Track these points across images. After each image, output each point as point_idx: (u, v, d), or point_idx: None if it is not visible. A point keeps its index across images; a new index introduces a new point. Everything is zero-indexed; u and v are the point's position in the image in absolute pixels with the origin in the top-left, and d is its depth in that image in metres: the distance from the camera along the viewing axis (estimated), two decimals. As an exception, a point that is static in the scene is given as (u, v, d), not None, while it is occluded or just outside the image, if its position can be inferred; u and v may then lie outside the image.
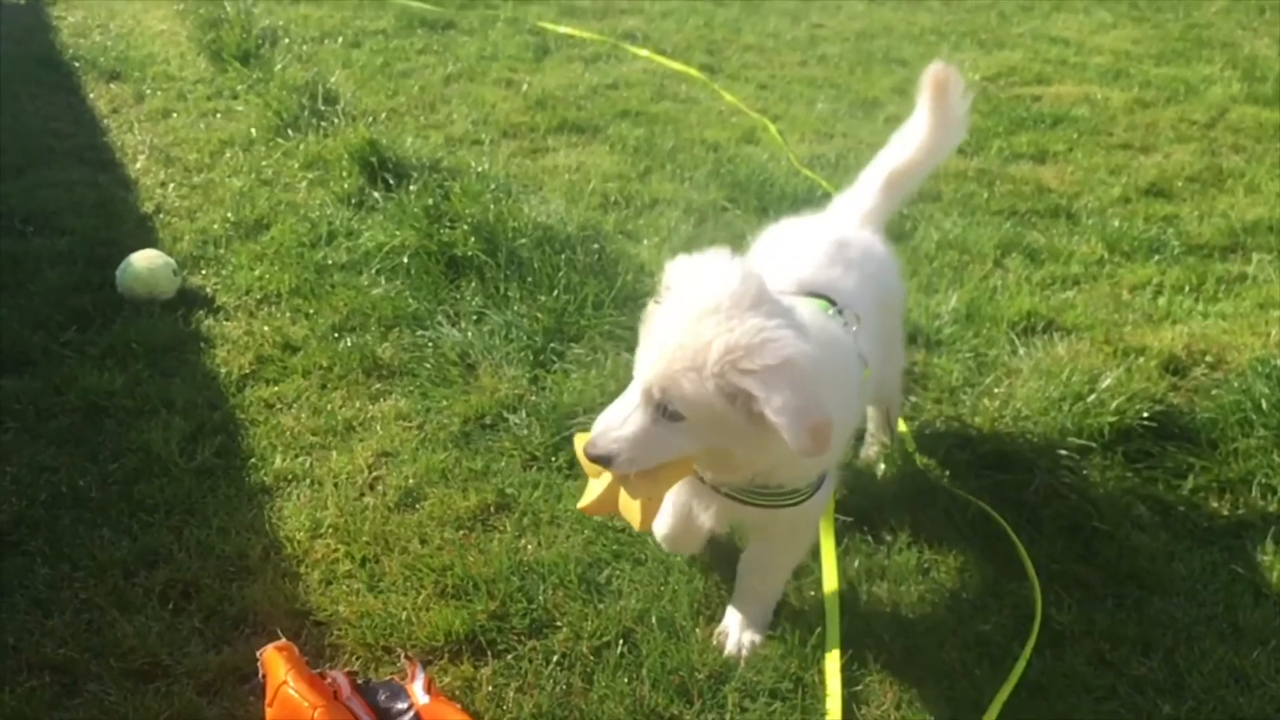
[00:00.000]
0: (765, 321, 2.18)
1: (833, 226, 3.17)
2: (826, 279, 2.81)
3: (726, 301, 2.18)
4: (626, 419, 2.27)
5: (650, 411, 2.25)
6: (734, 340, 2.14)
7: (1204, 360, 4.18)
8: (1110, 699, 2.77)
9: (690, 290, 2.24)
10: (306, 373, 4.15)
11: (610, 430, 2.28)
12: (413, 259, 4.79)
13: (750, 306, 2.19)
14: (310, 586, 3.11)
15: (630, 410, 2.28)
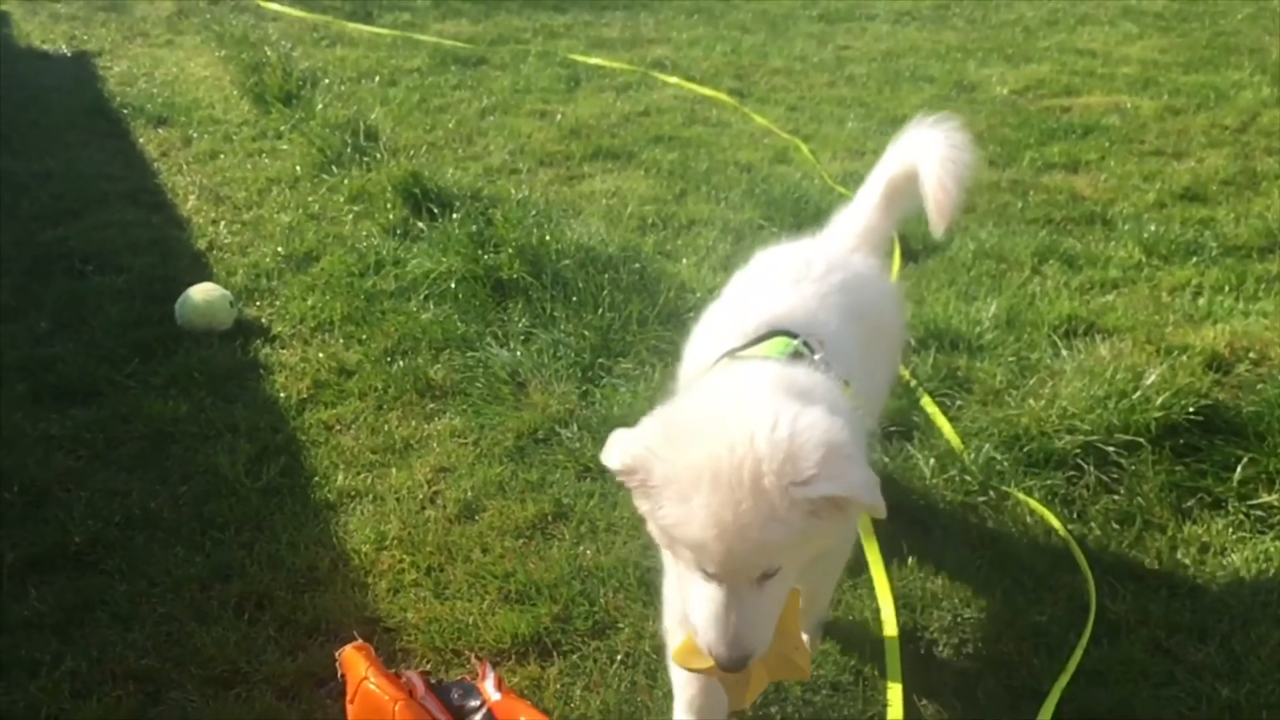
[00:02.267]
0: (770, 428, 1.98)
1: (805, 248, 3.00)
2: (787, 309, 2.61)
3: (726, 457, 1.95)
4: (733, 613, 2.00)
5: (748, 587, 2.00)
6: (776, 468, 1.93)
7: (1247, 357, 4.21)
8: (1169, 685, 2.80)
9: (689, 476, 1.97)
10: (362, 395, 4.27)
11: (728, 633, 2.00)
12: (460, 284, 4.91)
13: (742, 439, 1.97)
14: (378, 595, 3.21)
15: (723, 602, 2.00)
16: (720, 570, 1.98)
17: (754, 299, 2.72)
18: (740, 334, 2.51)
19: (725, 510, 1.92)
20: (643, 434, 2.08)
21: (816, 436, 1.97)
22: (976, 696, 2.78)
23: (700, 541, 1.96)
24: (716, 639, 2.01)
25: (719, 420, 2.01)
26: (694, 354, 2.73)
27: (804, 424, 1.99)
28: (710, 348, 2.56)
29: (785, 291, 2.71)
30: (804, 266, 2.81)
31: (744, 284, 2.95)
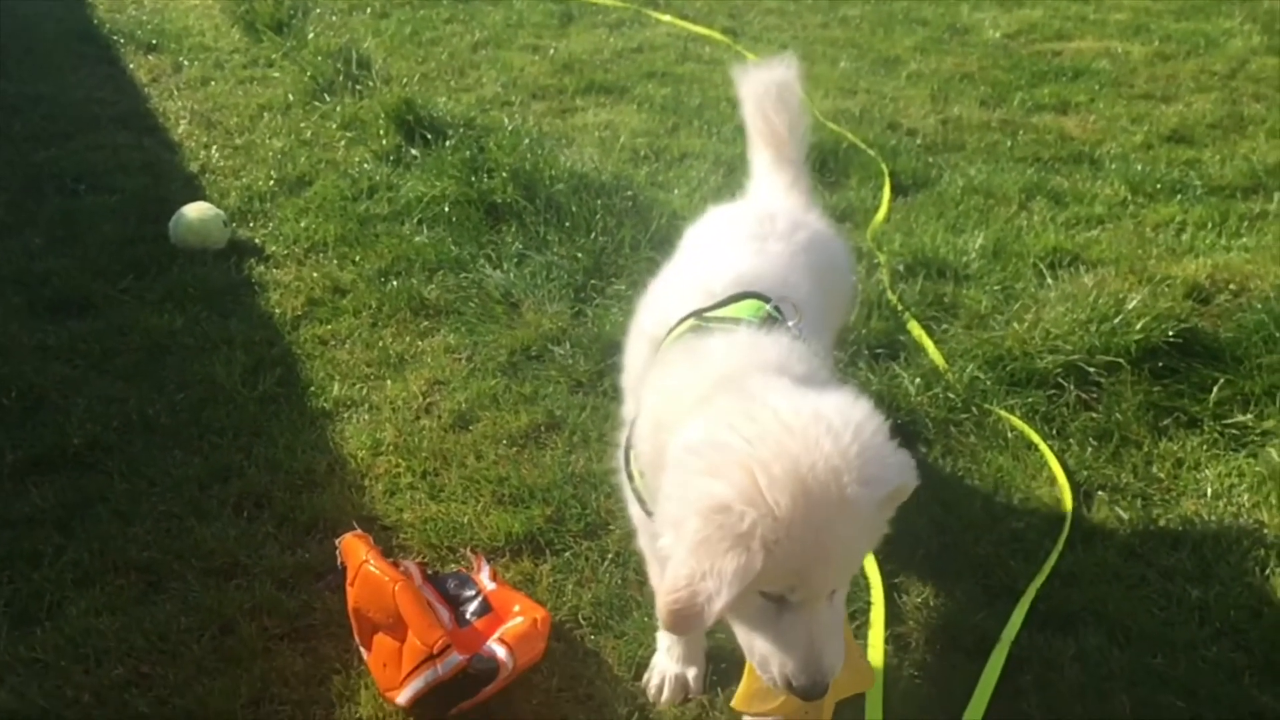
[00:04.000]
0: (835, 435, 1.82)
1: (758, 206, 2.90)
2: (757, 269, 2.49)
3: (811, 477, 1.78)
4: (817, 636, 1.88)
5: (824, 604, 1.89)
6: (856, 476, 1.79)
7: (1227, 288, 4.29)
8: (1140, 586, 2.91)
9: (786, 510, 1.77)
10: (357, 312, 4.32)
11: (816, 658, 1.87)
12: (453, 207, 4.94)
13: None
14: (375, 497, 3.28)
15: (807, 628, 1.87)
16: (811, 594, 1.85)
17: (720, 257, 2.56)
18: (707, 293, 2.34)
19: (825, 532, 1.78)
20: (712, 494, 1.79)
21: (875, 430, 1.86)
22: (955, 594, 2.88)
23: (802, 570, 1.80)
24: (804, 668, 1.86)
25: (776, 440, 1.80)
26: (656, 312, 2.47)
27: (858, 419, 1.85)
28: (674, 306, 2.36)
29: (753, 250, 2.58)
30: (768, 223, 2.68)
31: (705, 241, 2.79)
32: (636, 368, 2.50)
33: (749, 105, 3.16)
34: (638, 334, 2.55)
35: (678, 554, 1.80)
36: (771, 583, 1.82)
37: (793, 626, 1.87)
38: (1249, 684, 2.61)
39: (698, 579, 1.75)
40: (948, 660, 2.68)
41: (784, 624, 1.87)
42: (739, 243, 2.62)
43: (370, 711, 2.55)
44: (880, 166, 5.49)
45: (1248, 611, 2.80)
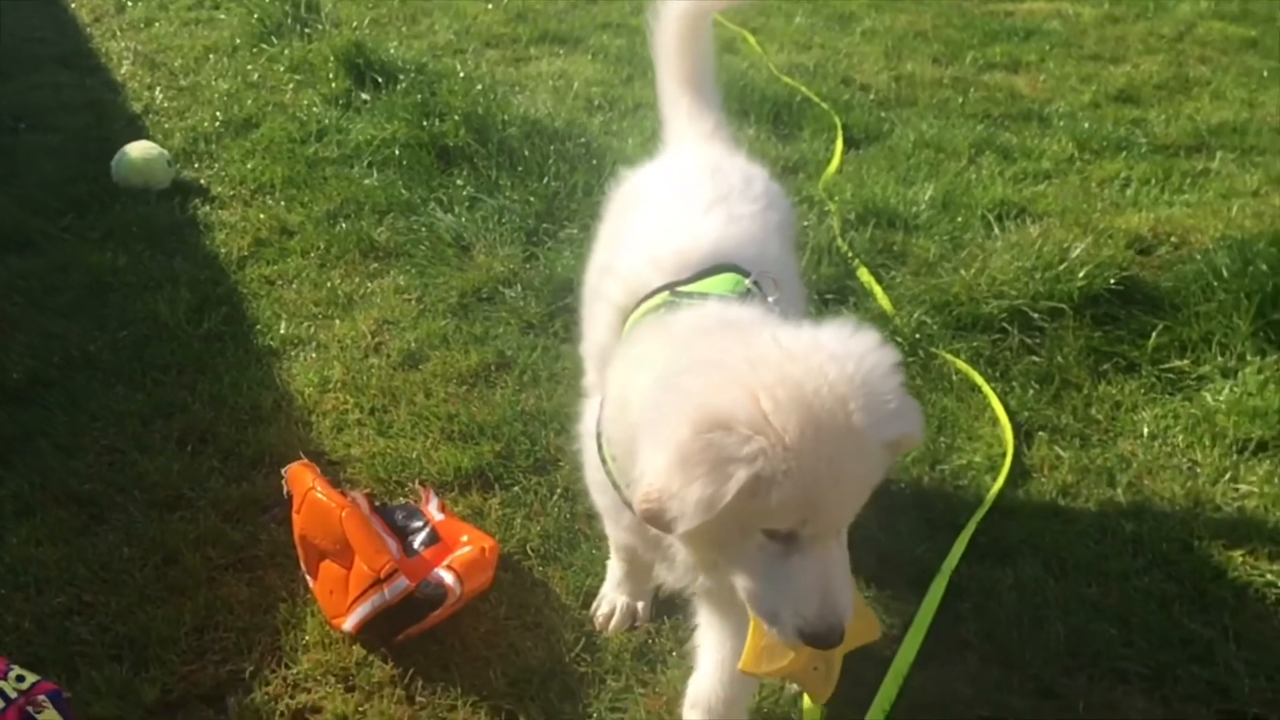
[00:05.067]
0: (841, 363, 1.70)
1: (700, 164, 2.57)
2: (731, 237, 2.28)
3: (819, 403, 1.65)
4: (830, 575, 1.73)
5: (835, 543, 1.75)
6: (863, 404, 1.67)
7: (1168, 240, 4.37)
8: (1077, 521, 2.98)
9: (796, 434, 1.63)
10: (305, 253, 4.27)
11: (831, 598, 1.72)
12: (404, 150, 4.89)
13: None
14: (323, 432, 3.26)
15: (820, 567, 1.72)
16: (823, 528, 1.70)
17: (692, 224, 2.31)
18: (679, 265, 2.17)
19: (835, 460, 1.64)
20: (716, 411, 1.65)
21: (880, 361, 1.73)
22: (898, 528, 2.93)
23: (816, 501, 1.65)
24: (820, 613, 1.70)
25: (778, 364, 1.69)
26: (626, 281, 2.25)
27: (863, 349, 1.74)
28: (646, 276, 2.19)
29: (724, 218, 2.34)
30: (726, 183, 2.44)
31: (665, 202, 2.48)
32: (601, 340, 2.32)
33: (664, 43, 2.93)
34: (604, 304, 2.33)
35: (657, 460, 1.66)
36: (781, 518, 1.67)
37: (804, 569, 1.70)
38: (1179, 612, 2.68)
39: (666, 497, 1.64)
40: (890, 589, 2.73)
41: (794, 567, 1.70)
42: (708, 207, 2.35)
43: (316, 638, 2.55)
44: (833, 120, 5.51)
45: (1179, 544, 2.88)
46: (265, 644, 2.55)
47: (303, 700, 2.43)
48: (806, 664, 1.83)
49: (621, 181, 2.77)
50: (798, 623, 1.71)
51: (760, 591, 1.75)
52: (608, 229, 2.69)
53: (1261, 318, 3.69)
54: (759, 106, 5.68)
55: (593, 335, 2.45)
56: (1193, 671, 2.53)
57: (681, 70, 2.92)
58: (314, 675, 2.48)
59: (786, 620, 1.72)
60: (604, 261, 2.55)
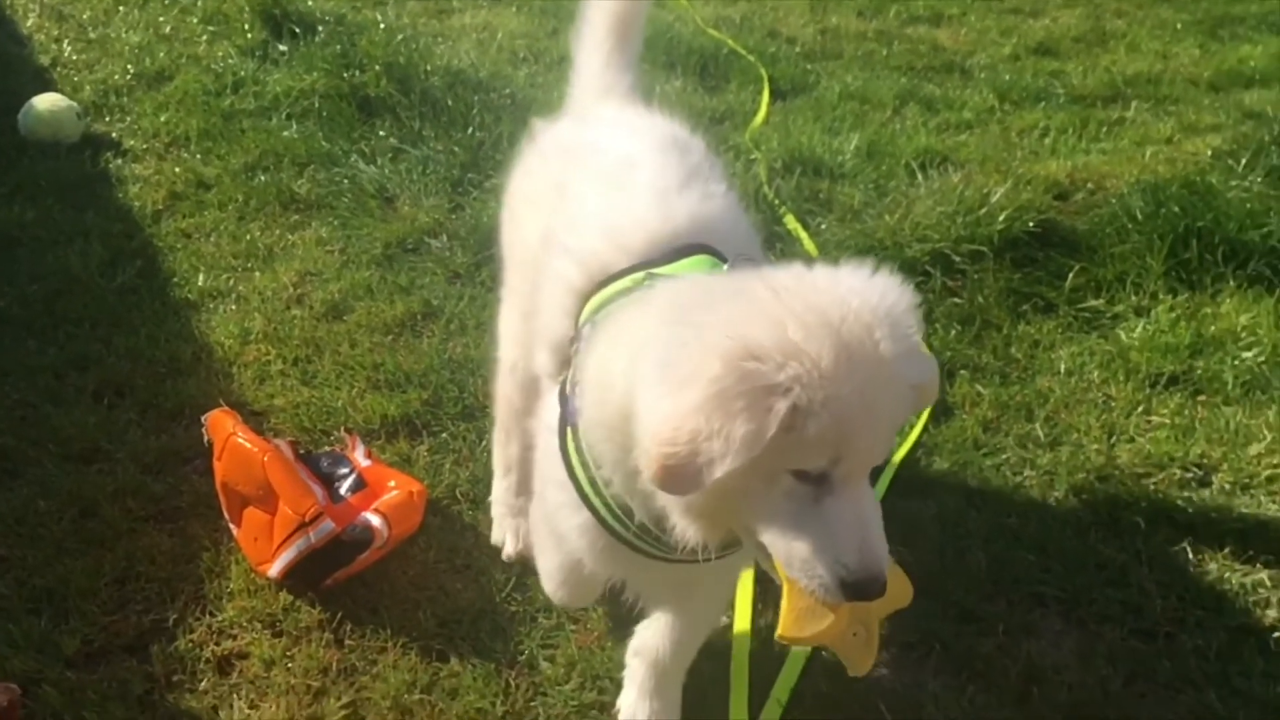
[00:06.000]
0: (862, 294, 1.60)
1: (655, 132, 2.27)
2: (703, 216, 2.04)
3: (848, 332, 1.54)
4: (869, 517, 1.60)
5: (865, 484, 1.63)
6: (888, 331, 1.57)
7: (1085, 186, 4.46)
8: (996, 454, 3.04)
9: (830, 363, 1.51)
10: (222, 206, 4.17)
11: (872, 541, 1.59)
12: (324, 102, 4.79)
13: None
14: (244, 384, 3.19)
15: (857, 508, 1.59)
16: (857, 466, 1.59)
17: (659, 202, 2.06)
18: (649, 247, 1.98)
19: (867, 390, 1.53)
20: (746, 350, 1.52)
21: (901, 295, 1.65)
22: (824, 465, 2.96)
23: (849, 435, 1.53)
24: (861, 557, 1.56)
25: (803, 294, 1.58)
26: (586, 263, 2.02)
27: (884, 283, 1.66)
28: (610, 257, 1.99)
29: (696, 194, 2.08)
30: (693, 157, 2.20)
31: (619, 177, 2.15)
32: (559, 326, 2.06)
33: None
34: (559, 286, 2.07)
35: (682, 402, 1.50)
36: (813, 455, 1.54)
37: (839, 512, 1.57)
38: (1094, 538, 2.77)
39: (701, 438, 1.48)
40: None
41: (828, 511, 1.56)
42: (680, 185, 2.08)
43: (241, 585, 2.52)
44: (760, 72, 5.51)
45: (1094, 474, 2.96)
46: (188, 593, 2.51)
47: (228, 646, 2.40)
48: (846, 629, 1.64)
49: (539, 136, 2.49)
50: (839, 572, 1.55)
51: (795, 542, 1.58)
52: (537, 190, 2.38)
53: (1173, 258, 3.80)
54: (685, 59, 5.66)
55: (547, 320, 2.13)
56: (1107, 594, 2.61)
57: (611, 17, 2.59)
58: (239, 622, 2.45)
59: (824, 570, 1.56)
60: (542, 231, 2.25)
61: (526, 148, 2.52)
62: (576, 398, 1.85)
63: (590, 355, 1.82)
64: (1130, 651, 2.47)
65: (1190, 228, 3.86)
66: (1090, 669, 2.43)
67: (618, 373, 1.70)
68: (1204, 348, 3.46)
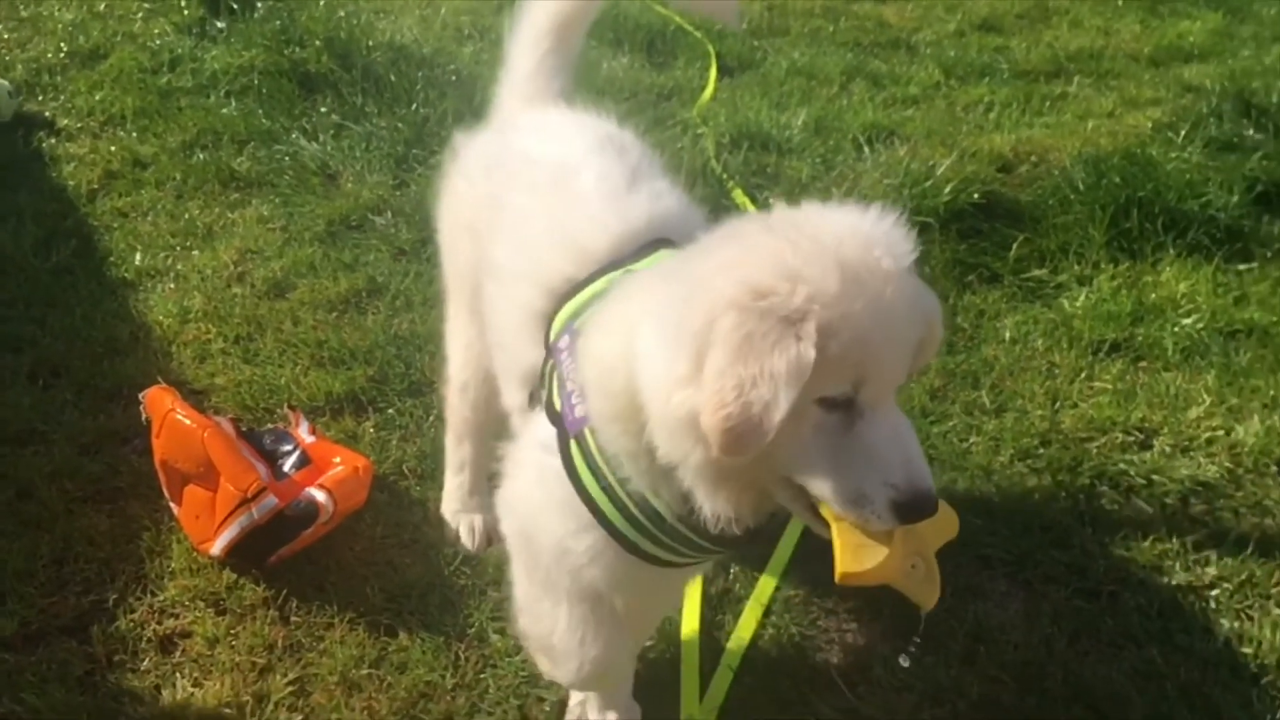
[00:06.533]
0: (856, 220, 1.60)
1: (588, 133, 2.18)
2: (654, 216, 1.98)
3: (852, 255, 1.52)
4: (910, 433, 1.56)
5: (894, 404, 1.58)
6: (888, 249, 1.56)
7: (1029, 159, 4.51)
8: (943, 420, 3.07)
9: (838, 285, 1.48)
10: (160, 185, 4.09)
11: (918, 457, 1.54)
12: (263, 78, 4.70)
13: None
14: (184, 363, 3.13)
15: (896, 424, 1.55)
16: (883, 386, 1.53)
17: (613, 205, 1.98)
18: (614, 251, 1.91)
19: (879, 304, 1.51)
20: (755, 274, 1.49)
21: (895, 221, 1.63)
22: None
23: (871, 353, 1.50)
24: (908, 472, 1.51)
25: (790, 224, 1.58)
26: (540, 280, 1.95)
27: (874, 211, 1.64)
28: (566, 274, 1.91)
29: (645, 192, 2.02)
30: (633, 155, 2.12)
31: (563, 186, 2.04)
32: (528, 356, 1.96)
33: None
34: (522, 315, 1.97)
35: (712, 365, 1.46)
36: (836, 378, 1.49)
37: (874, 432, 1.51)
38: (1039, 502, 2.80)
39: (748, 387, 1.44)
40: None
41: (863, 433, 1.51)
42: (629, 184, 2.02)
43: (183, 564, 2.47)
44: (707, 49, 5.49)
45: (1038, 439, 3.00)
46: (129, 573, 2.45)
47: (170, 626, 2.35)
48: (903, 563, 1.57)
49: (462, 152, 2.38)
50: (889, 494, 1.50)
51: (836, 474, 1.52)
52: (469, 214, 2.26)
53: (1114, 227, 3.85)
54: (632, 36, 5.63)
55: (513, 354, 2.03)
56: (1052, 555, 2.65)
57: (552, 20, 2.39)
58: (182, 601, 2.40)
59: (876, 494, 1.50)
60: (482, 258, 2.14)
61: (450, 167, 2.40)
62: (574, 407, 1.76)
63: (585, 356, 1.74)
64: (1075, 611, 2.51)
65: (1131, 198, 3.92)
66: (1036, 628, 2.46)
67: (616, 357, 1.65)
68: (1145, 315, 3.52)
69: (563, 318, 1.88)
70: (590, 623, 1.92)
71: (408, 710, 2.19)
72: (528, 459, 1.91)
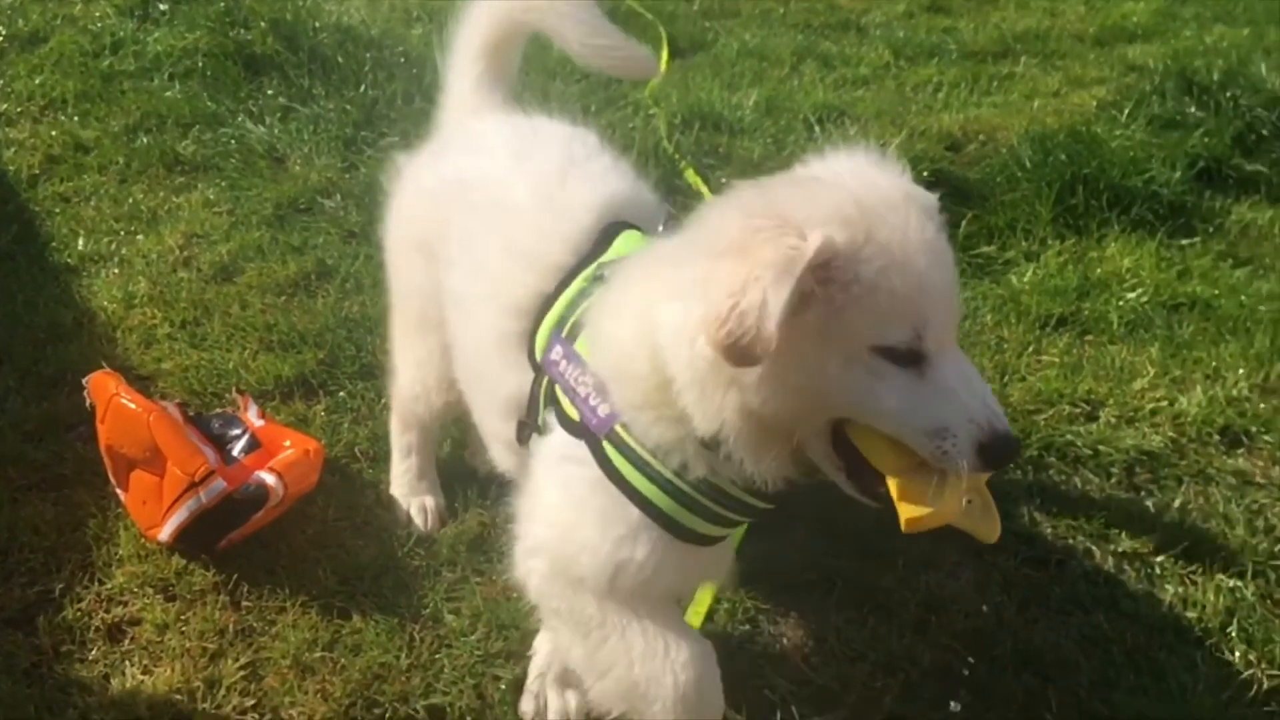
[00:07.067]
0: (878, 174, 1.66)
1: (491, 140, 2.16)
2: (617, 194, 1.98)
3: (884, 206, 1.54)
4: (973, 377, 1.56)
5: (958, 350, 1.61)
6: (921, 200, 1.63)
7: (977, 138, 4.56)
8: (895, 396, 3.09)
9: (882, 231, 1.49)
10: (103, 169, 4.02)
11: (991, 402, 1.54)
12: (208, 61, 4.63)
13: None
14: (130, 348, 3.08)
15: (964, 366, 1.57)
16: (943, 329, 1.54)
17: (560, 204, 1.95)
18: (570, 249, 1.89)
19: (925, 243, 1.52)
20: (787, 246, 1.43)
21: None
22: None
23: (924, 293, 1.51)
24: (987, 411, 1.50)
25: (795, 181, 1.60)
26: (515, 310, 1.90)
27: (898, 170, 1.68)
28: (540, 287, 1.87)
29: (580, 182, 1.99)
30: (557, 143, 2.09)
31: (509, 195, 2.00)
32: (514, 380, 1.89)
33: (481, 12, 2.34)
34: (498, 342, 1.92)
35: (709, 279, 1.45)
36: (895, 327, 1.47)
37: (949, 375, 1.50)
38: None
39: (739, 292, 1.40)
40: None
41: (937, 378, 1.49)
42: (565, 174, 1.99)
43: (131, 551, 2.44)
44: (658, 30, 5.47)
45: (988, 413, 3.03)
46: (75, 562, 2.41)
47: (119, 614, 2.32)
48: (960, 503, 1.56)
49: (405, 173, 2.32)
50: (972, 431, 1.48)
51: (913, 410, 1.49)
52: (417, 235, 2.21)
53: (1060, 204, 3.90)
54: (584, 16, 5.60)
55: (494, 383, 1.97)
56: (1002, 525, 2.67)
57: (487, 39, 2.33)
58: (130, 588, 2.37)
59: (960, 428, 1.48)
60: (453, 292, 2.08)
61: (395, 187, 2.36)
62: (596, 407, 1.71)
63: (600, 348, 1.70)
64: (1024, 579, 2.54)
65: (1077, 175, 3.98)
66: (986, 597, 2.49)
67: (633, 341, 1.63)
68: (1090, 290, 3.57)
69: (545, 331, 1.83)
70: (665, 627, 1.79)
71: (362, 692, 2.17)
72: (547, 483, 1.81)
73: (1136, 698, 2.23)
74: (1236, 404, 3.08)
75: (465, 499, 2.66)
